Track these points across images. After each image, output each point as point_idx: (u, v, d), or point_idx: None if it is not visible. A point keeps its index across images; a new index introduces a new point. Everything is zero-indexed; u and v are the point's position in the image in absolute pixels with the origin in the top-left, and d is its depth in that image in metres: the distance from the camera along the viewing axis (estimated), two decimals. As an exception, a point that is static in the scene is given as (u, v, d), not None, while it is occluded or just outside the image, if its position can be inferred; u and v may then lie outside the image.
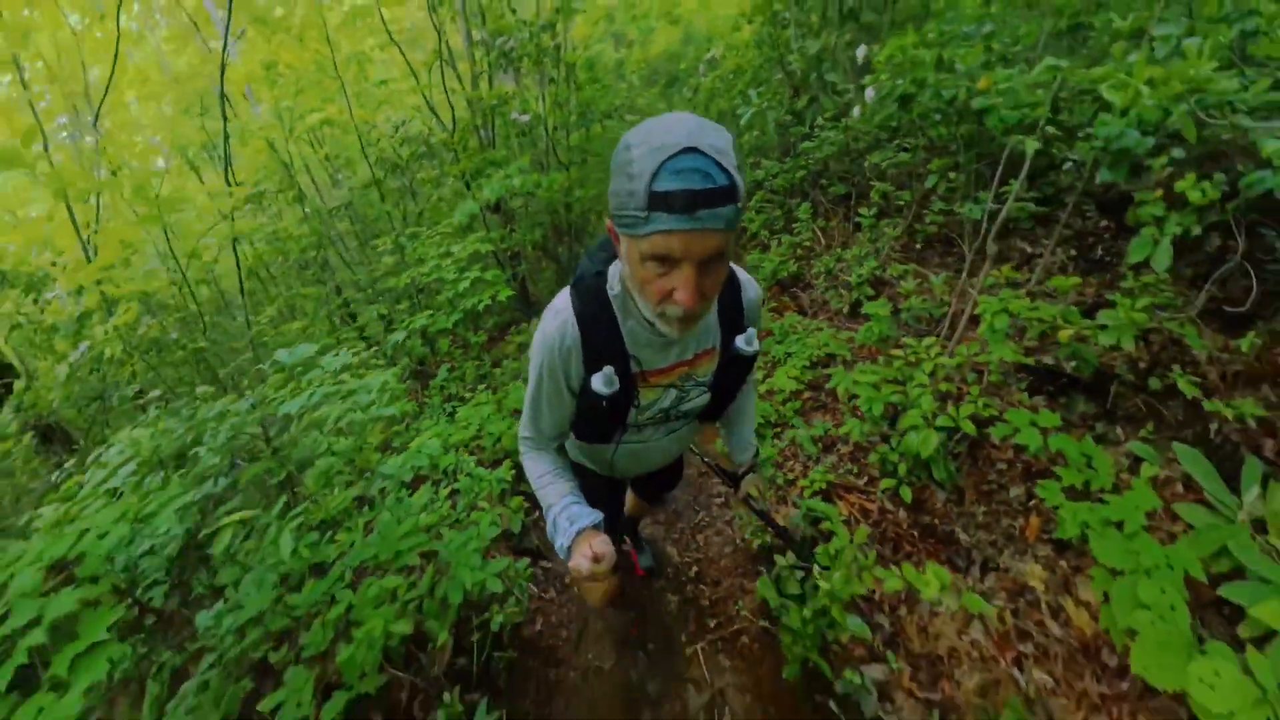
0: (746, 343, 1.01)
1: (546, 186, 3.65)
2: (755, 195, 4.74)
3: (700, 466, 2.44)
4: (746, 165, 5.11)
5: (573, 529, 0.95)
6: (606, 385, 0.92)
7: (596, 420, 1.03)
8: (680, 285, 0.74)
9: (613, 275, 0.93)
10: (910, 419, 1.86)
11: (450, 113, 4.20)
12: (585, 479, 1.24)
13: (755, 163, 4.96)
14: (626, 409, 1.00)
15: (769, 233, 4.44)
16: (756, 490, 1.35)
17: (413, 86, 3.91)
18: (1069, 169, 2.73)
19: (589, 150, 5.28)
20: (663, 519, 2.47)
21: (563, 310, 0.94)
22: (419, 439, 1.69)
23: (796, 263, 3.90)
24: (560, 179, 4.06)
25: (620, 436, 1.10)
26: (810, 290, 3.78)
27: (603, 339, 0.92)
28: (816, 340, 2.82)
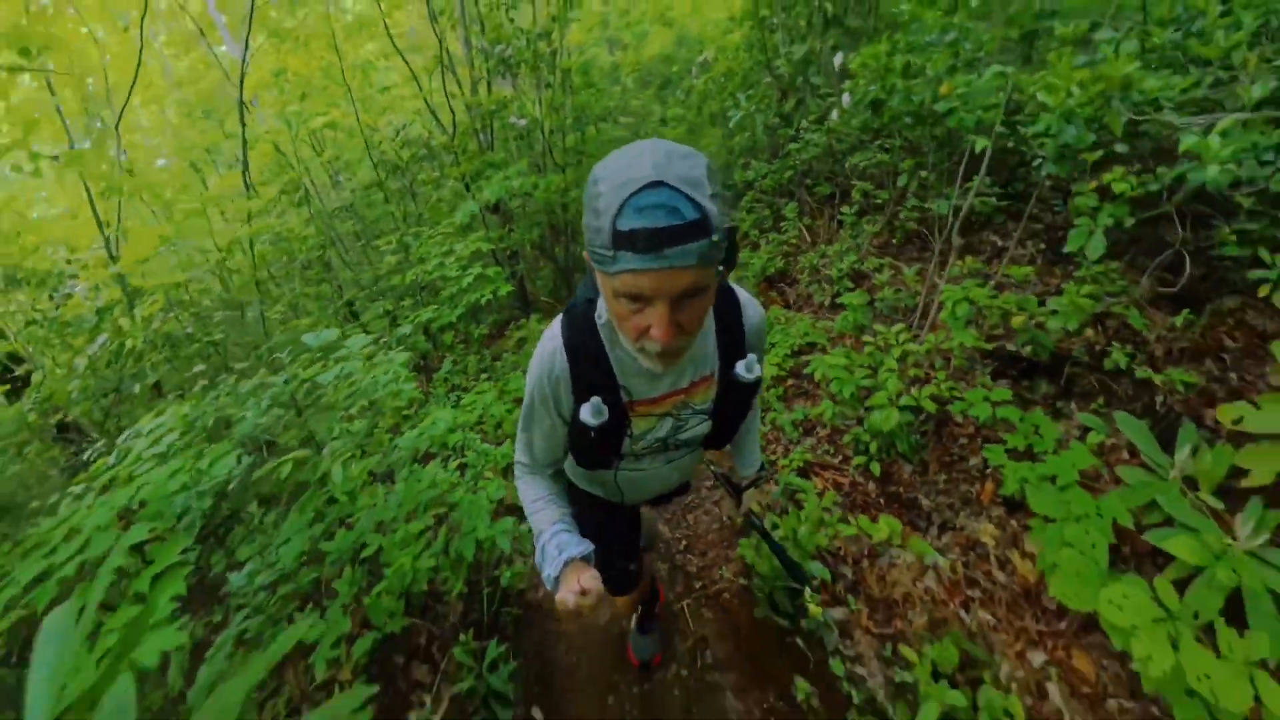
0: (747, 369, 0.95)
1: (544, 188, 3.82)
2: (746, 195, 4.92)
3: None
4: (737, 166, 5.28)
5: (561, 558, 0.92)
6: (595, 416, 0.90)
7: (589, 449, 1.01)
8: (655, 322, 0.72)
9: (602, 305, 0.90)
10: (877, 399, 2.04)
11: (451, 116, 4.37)
12: (594, 509, 1.24)
13: (745, 163, 5.13)
14: (619, 439, 0.98)
15: (759, 231, 4.62)
16: (759, 506, 1.35)
17: (414, 92, 4.07)
18: (1038, 165, 2.93)
19: (584, 152, 5.46)
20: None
21: (554, 338, 0.93)
22: (428, 419, 1.86)
23: (784, 259, 4.09)
24: (557, 180, 4.23)
25: (618, 464, 1.07)
26: (795, 285, 3.97)
27: (591, 369, 0.91)
28: (798, 330, 3.00)
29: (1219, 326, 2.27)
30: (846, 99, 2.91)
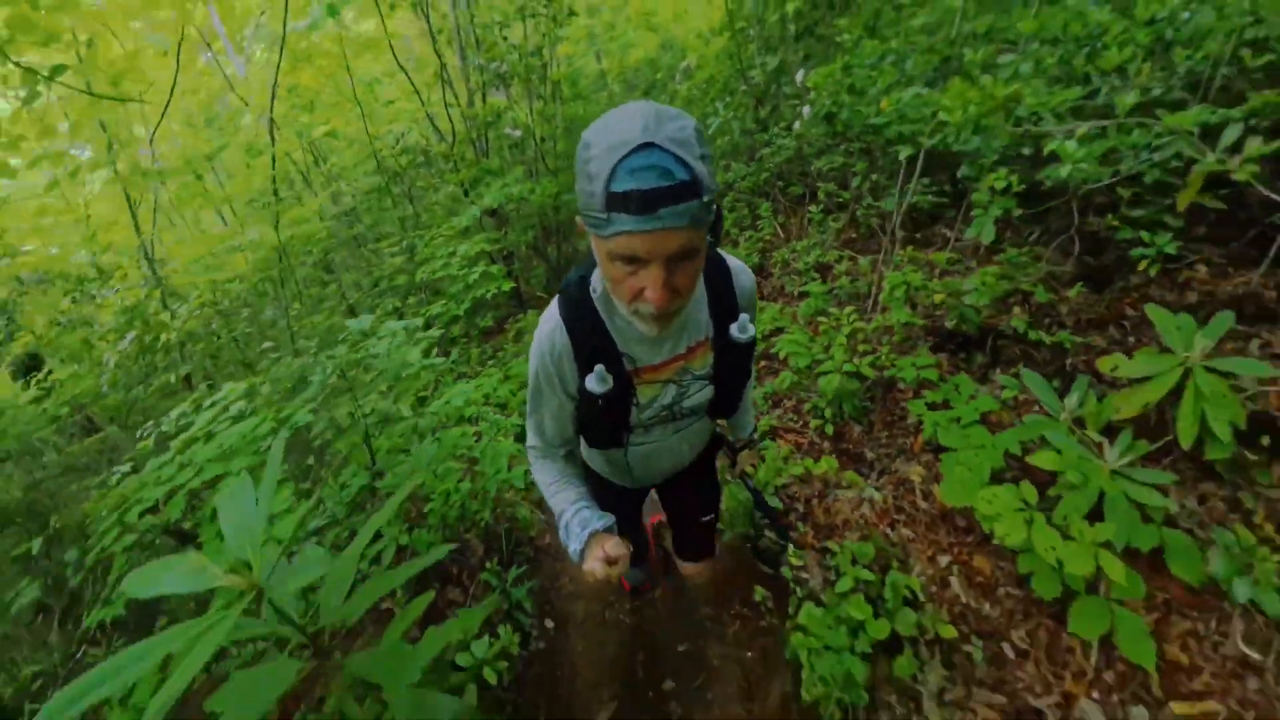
0: (740, 330, 1.00)
1: (539, 193, 4.18)
2: (727, 196, 5.31)
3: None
4: (719, 168, 5.66)
5: (584, 533, 0.96)
6: (600, 384, 0.93)
7: (599, 422, 1.04)
8: (649, 284, 0.74)
9: (595, 278, 0.95)
10: (825, 367, 2.42)
11: (450, 126, 4.72)
12: (604, 491, 1.29)
13: (726, 165, 5.51)
14: (626, 408, 1.00)
15: (738, 229, 5.01)
16: (751, 467, 1.44)
17: (416, 106, 4.42)
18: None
19: (574, 158, 5.82)
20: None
21: (551, 317, 0.96)
22: (452, 390, 2.21)
23: (760, 255, 4.48)
24: (550, 185, 4.59)
25: (628, 438, 1.10)
26: (770, 278, 4.36)
27: (591, 339, 0.94)
28: (768, 316, 3.38)
29: (1125, 299, 2.68)
30: (807, 110, 3.30)
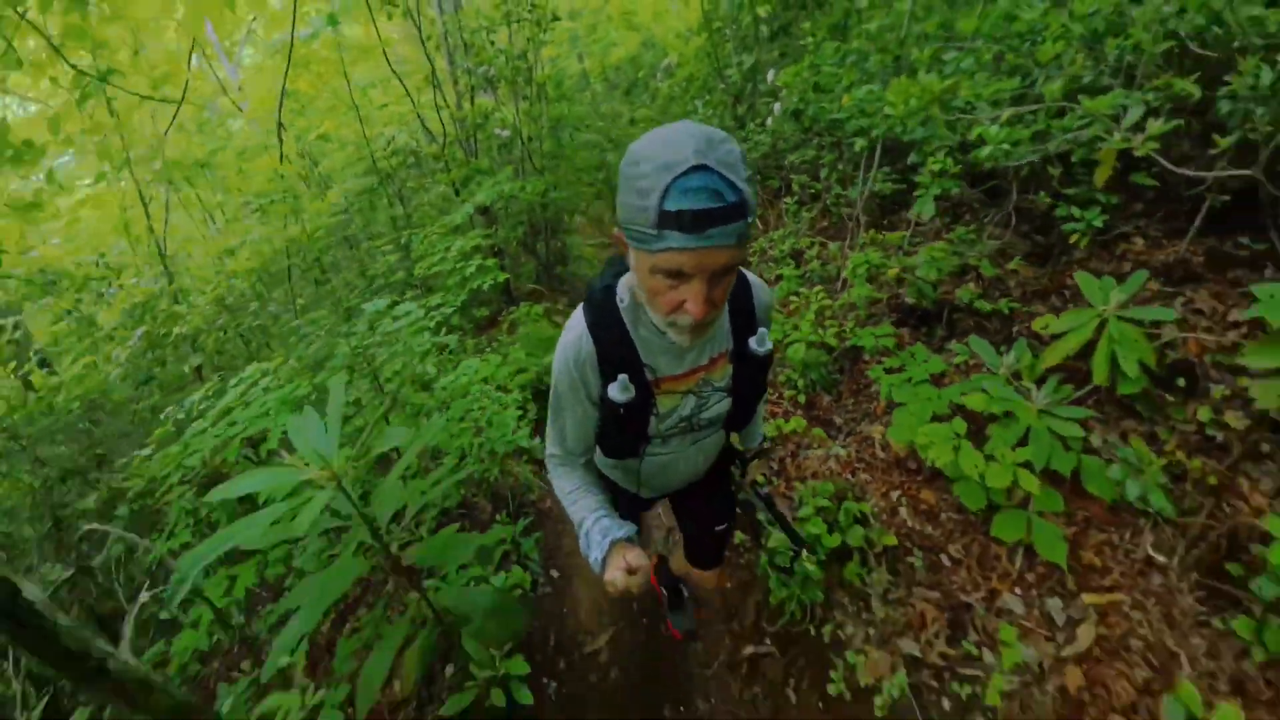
0: (759, 343, 1.02)
1: (529, 190, 4.41)
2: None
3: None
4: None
5: (605, 541, 0.96)
6: (622, 393, 0.95)
7: (619, 431, 1.05)
8: (690, 297, 0.77)
9: (621, 288, 0.97)
10: (792, 338, 2.69)
11: (441, 127, 4.92)
12: (617, 500, 1.28)
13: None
14: (646, 417, 1.02)
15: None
16: (763, 476, 1.45)
17: (408, 109, 4.63)
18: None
19: (560, 156, 6.05)
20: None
21: (577, 325, 0.98)
22: (462, 364, 2.45)
23: (739, 245, 4.76)
24: (538, 184, 4.82)
25: (645, 448, 1.11)
26: (749, 268, 4.65)
27: (616, 349, 0.96)
28: (747, 298, 3.66)
29: (1066, 271, 2.97)
30: (777, 107, 3.56)
